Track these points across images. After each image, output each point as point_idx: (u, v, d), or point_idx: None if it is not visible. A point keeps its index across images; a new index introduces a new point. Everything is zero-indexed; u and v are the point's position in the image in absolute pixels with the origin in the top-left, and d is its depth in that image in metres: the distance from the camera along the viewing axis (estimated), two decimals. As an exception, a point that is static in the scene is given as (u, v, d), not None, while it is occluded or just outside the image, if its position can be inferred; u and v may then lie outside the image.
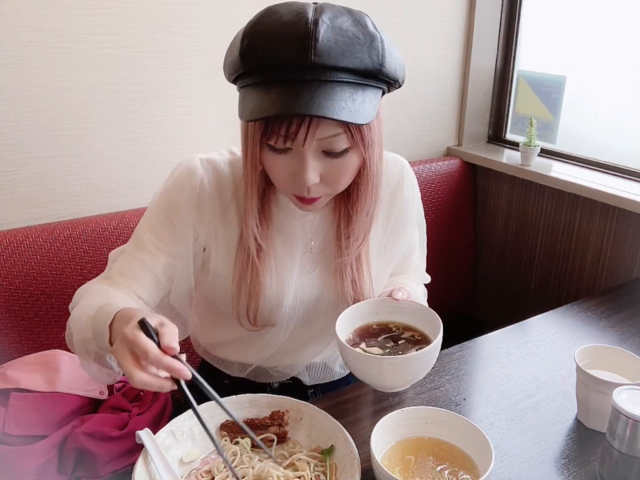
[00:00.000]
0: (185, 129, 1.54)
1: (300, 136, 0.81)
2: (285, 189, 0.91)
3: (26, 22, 1.29)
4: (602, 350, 0.98)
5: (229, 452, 0.85)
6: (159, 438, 0.84)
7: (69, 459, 1.05)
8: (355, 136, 0.84)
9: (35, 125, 1.37)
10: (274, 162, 0.86)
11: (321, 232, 1.03)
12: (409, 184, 1.08)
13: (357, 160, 0.88)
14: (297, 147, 0.83)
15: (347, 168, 0.88)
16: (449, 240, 1.99)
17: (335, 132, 0.82)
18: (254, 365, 1.12)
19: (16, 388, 1.11)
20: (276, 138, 0.82)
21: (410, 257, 1.17)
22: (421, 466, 0.81)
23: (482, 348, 1.18)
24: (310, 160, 0.83)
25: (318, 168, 0.85)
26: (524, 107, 1.99)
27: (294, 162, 0.85)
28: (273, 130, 0.81)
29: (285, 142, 0.82)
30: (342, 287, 1.01)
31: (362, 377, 0.94)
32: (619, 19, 1.74)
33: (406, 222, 1.09)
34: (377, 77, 0.82)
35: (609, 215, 1.69)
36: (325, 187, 0.88)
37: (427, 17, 1.87)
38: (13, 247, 1.31)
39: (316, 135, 0.81)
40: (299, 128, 0.80)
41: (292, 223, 1.01)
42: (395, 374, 0.90)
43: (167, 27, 1.45)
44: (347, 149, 0.85)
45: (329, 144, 0.83)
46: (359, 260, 1.01)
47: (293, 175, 0.86)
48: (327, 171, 0.86)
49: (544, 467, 0.87)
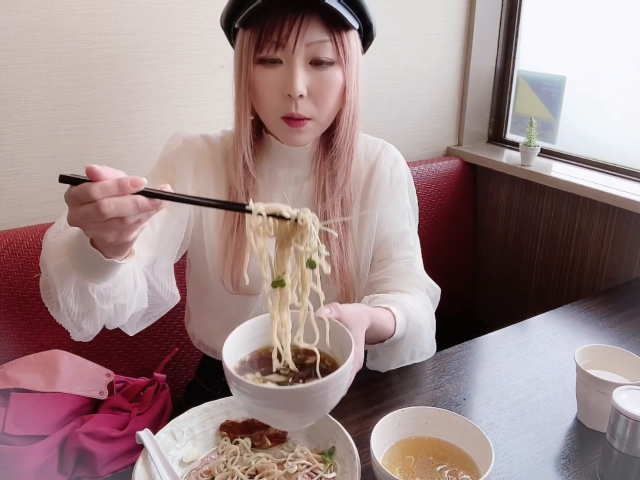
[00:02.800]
0: (185, 128, 1.54)
1: (291, 40, 0.91)
2: (274, 109, 0.96)
3: (26, 22, 1.29)
4: (602, 350, 0.98)
5: (229, 452, 0.85)
6: (159, 438, 0.84)
7: (69, 459, 1.05)
8: (339, 47, 0.94)
9: (35, 125, 1.37)
10: (265, 78, 0.94)
11: (303, 204, 1.06)
12: (389, 157, 1.14)
13: (340, 78, 0.96)
14: (287, 57, 0.92)
15: (331, 83, 0.96)
16: (448, 240, 1.99)
17: (322, 39, 0.92)
18: None
19: (16, 388, 1.11)
20: (268, 46, 0.92)
21: (397, 253, 1.11)
22: (421, 466, 0.81)
23: (482, 348, 1.18)
24: (299, 69, 0.92)
25: (306, 80, 0.94)
26: (524, 107, 1.99)
27: (283, 75, 0.93)
28: (266, 39, 0.91)
29: (276, 50, 0.92)
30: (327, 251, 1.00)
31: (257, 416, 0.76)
32: (619, 19, 1.74)
33: (385, 190, 1.11)
34: (354, 4, 0.95)
35: (609, 215, 1.69)
36: (312, 105, 0.96)
37: (427, 17, 1.87)
38: (13, 247, 1.31)
39: (305, 38, 0.91)
40: (290, 32, 0.90)
41: (273, 195, 1.06)
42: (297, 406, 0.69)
43: (167, 27, 1.45)
44: (331, 62, 0.95)
45: (316, 50, 0.93)
46: (343, 225, 1.06)
47: (282, 91, 0.94)
48: (314, 84, 0.94)
49: (544, 467, 0.87)
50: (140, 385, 1.23)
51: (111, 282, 0.83)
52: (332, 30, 0.93)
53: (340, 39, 0.94)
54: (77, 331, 0.89)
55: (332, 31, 0.93)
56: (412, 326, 1.02)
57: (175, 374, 1.50)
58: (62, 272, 0.81)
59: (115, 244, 0.73)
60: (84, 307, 0.84)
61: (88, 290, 0.82)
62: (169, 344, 1.50)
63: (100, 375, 1.20)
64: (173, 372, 1.50)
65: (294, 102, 0.94)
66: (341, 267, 1.04)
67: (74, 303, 0.83)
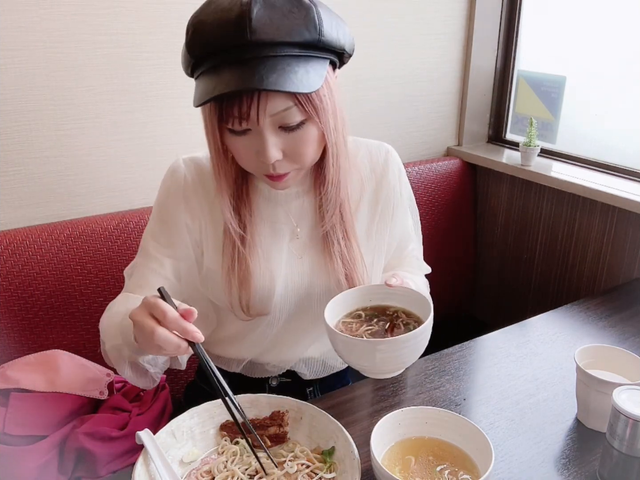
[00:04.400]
0: (185, 129, 1.55)
1: (253, 114, 0.84)
2: (253, 170, 0.94)
3: (26, 22, 1.30)
4: (602, 350, 0.98)
5: (229, 452, 0.86)
6: (159, 438, 0.84)
7: (69, 459, 1.05)
8: (306, 107, 0.86)
9: (35, 125, 1.37)
10: (237, 144, 0.90)
11: (306, 217, 1.05)
12: (395, 168, 1.11)
13: (315, 131, 0.90)
14: (253, 127, 0.86)
15: (306, 140, 0.90)
16: (448, 240, 1.99)
17: (286, 106, 0.85)
18: (248, 359, 1.12)
19: (16, 388, 1.11)
20: (232, 120, 0.86)
21: (406, 248, 1.18)
22: (421, 466, 0.81)
23: (482, 348, 1.19)
24: (269, 137, 0.86)
25: (278, 144, 0.88)
26: (524, 107, 1.99)
27: (255, 142, 0.88)
28: (228, 113, 0.85)
29: (241, 123, 0.86)
30: (332, 268, 1.02)
31: (353, 364, 0.92)
32: (619, 19, 1.74)
33: (394, 205, 1.10)
34: (317, 47, 0.85)
35: (609, 215, 1.69)
36: (290, 162, 0.91)
37: (427, 17, 1.87)
38: (13, 247, 1.31)
39: (267, 111, 0.84)
40: (250, 107, 0.83)
41: (275, 211, 1.04)
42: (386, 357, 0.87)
43: (167, 27, 1.45)
44: (302, 121, 0.87)
45: (282, 118, 0.86)
46: (346, 237, 1.03)
47: (257, 155, 0.89)
48: (288, 146, 0.89)
49: (544, 467, 0.87)
50: (140, 385, 1.23)
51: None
52: (295, 95, 0.84)
53: (305, 99, 0.85)
54: (140, 385, 0.99)
55: (295, 95, 0.84)
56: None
57: (175, 374, 1.50)
58: (116, 351, 0.93)
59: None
60: (139, 373, 0.96)
61: (140, 362, 0.93)
62: (169, 344, 1.49)
63: (100, 375, 1.20)
64: (173, 372, 1.50)
65: (271, 165, 0.89)
66: (350, 277, 1.03)
67: (131, 374, 0.95)
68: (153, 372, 0.96)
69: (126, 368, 0.94)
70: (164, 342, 0.76)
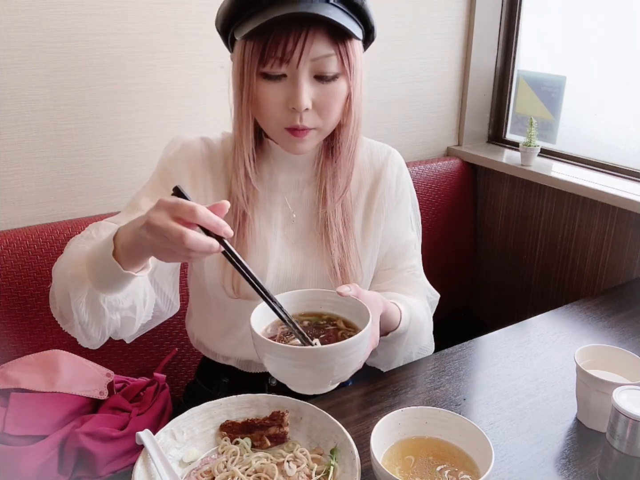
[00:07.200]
0: (185, 129, 1.54)
1: (296, 55, 0.88)
2: (277, 121, 0.94)
3: (26, 22, 1.29)
4: (602, 350, 0.98)
5: (229, 452, 0.85)
6: (159, 438, 0.84)
7: (69, 459, 1.05)
8: (344, 60, 0.91)
9: (35, 125, 1.37)
10: (268, 92, 0.92)
11: (303, 207, 1.06)
12: (394, 168, 1.12)
13: (345, 90, 0.94)
14: (291, 71, 0.90)
15: (336, 95, 0.94)
16: (448, 240, 1.99)
17: (328, 53, 0.90)
18: (244, 351, 1.12)
19: (16, 388, 1.11)
20: (272, 62, 0.89)
21: (402, 262, 1.14)
22: (421, 466, 0.81)
23: (482, 348, 1.18)
24: (304, 83, 0.90)
25: (311, 93, 0.91)
26: (524, 107, 1.99)
27: (288, 89, 0.91)
28: (270, 54, 0.88)
29: (281, 65, 0.89)
30: (328, 254, 1.02)
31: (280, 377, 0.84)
32: (619, 19, 1.74)
33: (387, 204, 1.11)
34: (359, 11, 0.92)
35: (609, 215, 1.69)
36: (317, 116, 0.94)
37: (427, 17, 1.87)
38: (13, 247, 1.31)
39: (310, 53, 0.88)
40: (295, 46, 0.87)
41: (273, 196, 1.06)
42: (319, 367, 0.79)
43: (167, 27, 1.45)
44: (336, 75, 0.92)
45: (320, 65, 0.90)
46: (345, 225, 1.05)
47: (287, 105, 0.92)
48: (318, 97, 0.92)
49: (544, 467, 0.87)
50: (140, 385, 1.23)
51: (122, 294, 0.87)
52: (338, 42, 0.90)
53: (345, 50, 0.91)
54: (85, 339, 0.93)
55: (337, 43, 0.90)
56: (414, 322, 1.04)
57: (175, 374, 1.50)
58: (77, 280, 0.85)
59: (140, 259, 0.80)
60: (94, 316, 0.88)
61: (99, 300, 0.86)
62: (169, 344, 1.50)
63: (100, 375, 1.20)
64: (173, 372, 1.50)
65: (299, 114, 0.92)
66: (343, 268, 1.04)
67: (84, 311, 0.87)
68: (109, 318, 0.88)
69: (81, 305, 0.85)
70: (196, 245, 0.69)
